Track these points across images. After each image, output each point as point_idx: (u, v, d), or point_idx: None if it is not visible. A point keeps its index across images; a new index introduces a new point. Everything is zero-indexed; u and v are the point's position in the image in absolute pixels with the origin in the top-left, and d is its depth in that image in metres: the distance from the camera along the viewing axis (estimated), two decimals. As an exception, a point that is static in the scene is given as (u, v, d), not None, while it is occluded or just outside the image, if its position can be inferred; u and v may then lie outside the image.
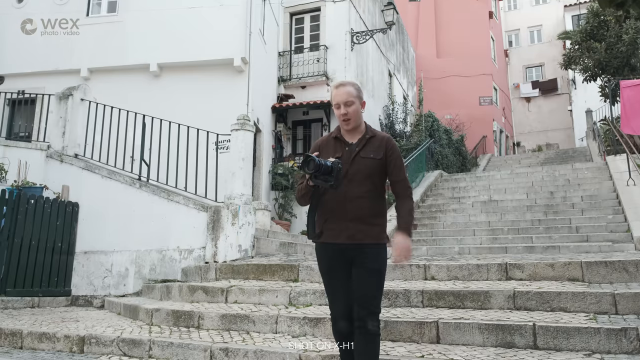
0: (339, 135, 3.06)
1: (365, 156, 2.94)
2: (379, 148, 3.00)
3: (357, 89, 3.05)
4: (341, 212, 2.91)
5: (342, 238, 2.91)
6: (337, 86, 3.03)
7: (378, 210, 2.98)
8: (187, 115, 9.37)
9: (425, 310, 4.67)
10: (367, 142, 3.00)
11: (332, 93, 3.03)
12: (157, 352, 4.49)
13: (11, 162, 8.90)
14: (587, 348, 3.59)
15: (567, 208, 10.44)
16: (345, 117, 2.98)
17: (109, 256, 8.26)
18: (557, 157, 21.52)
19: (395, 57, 21.14)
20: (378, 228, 2.97)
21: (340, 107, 2.99)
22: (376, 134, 3.07)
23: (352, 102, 2.98)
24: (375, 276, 2.92)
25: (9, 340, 5.16)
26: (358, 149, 2.97)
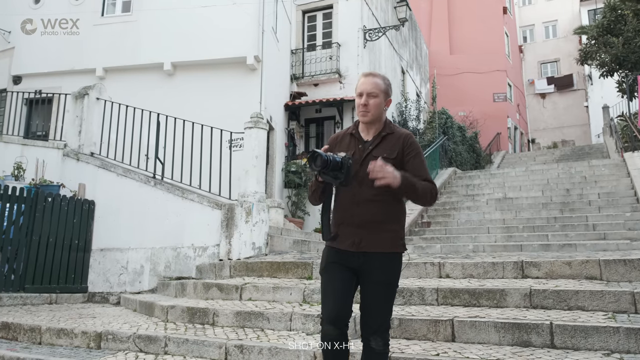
0: (355, 132, 2.82)
1: (377, 155, 2.63)
2: (395, 146, 2.72)
3: (387, 84, 2.82)
4: (350, 216, 2.67)
5: (346, 244, 2.66)
6: (366, 75, 2.80)
7: (391, 214, 2.70)
8: (200, 113, 9.41)
9: (440, 308, 4.65)
10: (382, 140, 2.74)
11: (359, 81, 2.80)
12: (172, 348, 4.52)
13: (29, 160, 9.02)
14: (606, 347, 3.54)
15: (583, 205, 10.32)
16: (364, 109, 2.72)
17: (125, 253, 8.33)
18: (573, 154, 21.29)
19: (408, 53, 21.04)
20: (389, 235, 2.68)
21: (362, 96, 2.73)
22: (395, 131, 2.79)
23: (376, 94, 2.74)
24: (384, 290, 2.65)
25: (28, 336, 5.23)
26: (371, 147, 2.71)
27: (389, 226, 2.68)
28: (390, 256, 2.67)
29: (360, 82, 2.78)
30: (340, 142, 2.83)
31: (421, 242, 9.36)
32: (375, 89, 2.74)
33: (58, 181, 8.75)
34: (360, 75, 2.81)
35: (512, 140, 28.33)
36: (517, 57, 32.17)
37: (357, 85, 2.79)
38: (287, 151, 13.52)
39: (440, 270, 5.65)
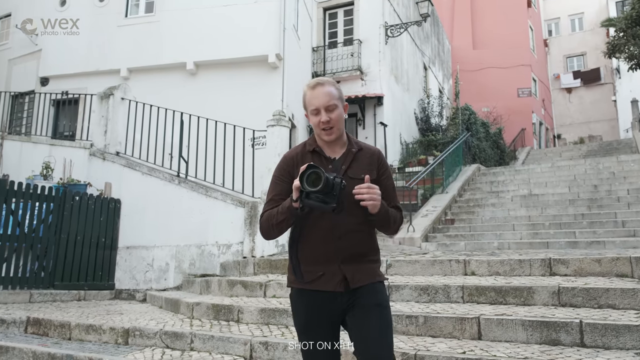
0: (317, 148, 2.32)
1: (354, 176, 2.21)
2: (370, 165, 2.32)
3: (338, 89, 2.34)
4: (328, 251, 2.21)
5: (332, 285, 2.21)
6: (313, 86, 2.28)
7: (374, 244, 2.36)
8: (223, 112, 9.46)
9: (465, 306, 4.60)
10: (354, 158, 2.31)
11: (307, 96, 2.29)
12: (198, 344, 4.56)
13: (57, 160, 9.20)
14: (638, 347, 3.46)
15: (612, 202, 10.10)
16: (327, 125, 2.24)
17: (150, 251, 8.44)
18: (601, 149, 20.86)
19: (430, 49, 20.87)
20: (375, 264, 2.34)
21: (319, 113, 2.25)
22: (363, 147, 2.38)
23: (335, 105, 2.26)
24: (380, 312, 2.24)
25: (58, 332, 5.34)
26: (345, 167, 2.26)
27: (373, 257, 2.33)
28: (379, 285, 2.30)
29: (309, 97, 2.28)
30: (300, 162, 2.26)
31: (445, 240, 9.28)
32: (331, 99, 2.25)
33: (85, 180, 8.90)
34: (306, 89, 2.31)
35: (537, 136, 27.89)
36: (542, 51, 31.64)
37: (305, 102, 2.32)
38: (310, 149, 13.51)
39: (465, 268, 5.59)
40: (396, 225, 2.35)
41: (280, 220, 2.20)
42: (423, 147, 16.16)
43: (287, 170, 2.32)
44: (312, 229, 2.24)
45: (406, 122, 16.77)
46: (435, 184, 12.03)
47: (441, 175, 12.23)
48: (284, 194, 2.24)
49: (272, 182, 2.35)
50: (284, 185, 2.28)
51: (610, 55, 18.09)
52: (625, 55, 16.90)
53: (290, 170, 2.30)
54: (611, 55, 18.05)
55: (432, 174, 11.87)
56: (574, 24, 34.10)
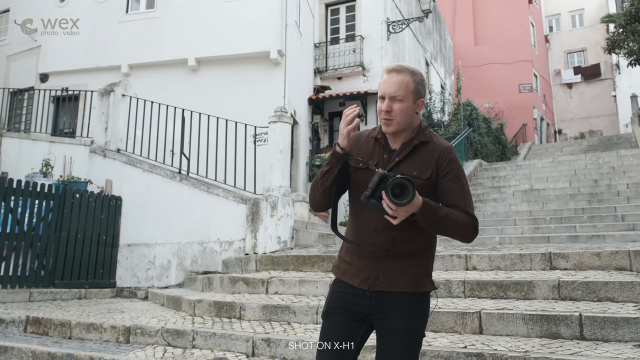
0: (380, 137, 2.14)
1: (405, 171, 1.99)
2: (428, 162, 2.05)
3: (417, 81, 2.07)
4: (364, 243, 2.05)
5: (357, 280, 2.04)
6: (389, 70, 2.07)
7: (419, 243, 2.05)
8: (224, 108, 9.46)
9: (467, 300, 4.61)
10: (412, 151, 2.07)
11: (381, 79, 2.10)
12: (200, 342, 4.57)
13: (57, 157, 9.19)
14: (637, 339, 3.47)
15: (612, 196, 10.11)
16: (387, 116, 2.03)
17: (152, 248, 8.45)
18: (601, 144, 20.83)
19: (432, 45, 20.82)
20: (416, 270, 2.04)
21: (383, 100, 2.04)
22: (430, 140, 2.10)
23: (402, 97, 2.02)
24: (406, 341, 1.99)
25: (59, 331, 5.34)
26: (398, 159, 2.06)
27: (416, 258, 2.05)
28: (414, 297, 2.02)
29: (382, 81, 2.08)
30: (362, 144, 2.16)
31: (446, 235, 9.29)
32: (400, 90, 2.02)
33: (85, 177, 8.90)
34: (383, 71, 2.11)
35: (539, 131, 27.86)
36: (543, 47, 31.57)
37: (379, 85, 2.11)
38: (312, 145, 13.52)
39: (466, 263, 5.60)
40: (465, 233, 2.01)
41: (325, 170, 2.08)
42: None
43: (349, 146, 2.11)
44: (354, 213, 2.15)
45: (407, 118, 16.73)
46: (436, 179, 12.01)
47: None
48: None
49: None
50: None
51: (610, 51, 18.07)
52: (625, 51, 16.89)
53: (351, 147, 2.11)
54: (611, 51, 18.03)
55: (433, 169, 11.85)
56: (575, 20, 34.02)
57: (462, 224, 1.98)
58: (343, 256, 2.17)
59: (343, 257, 2.16)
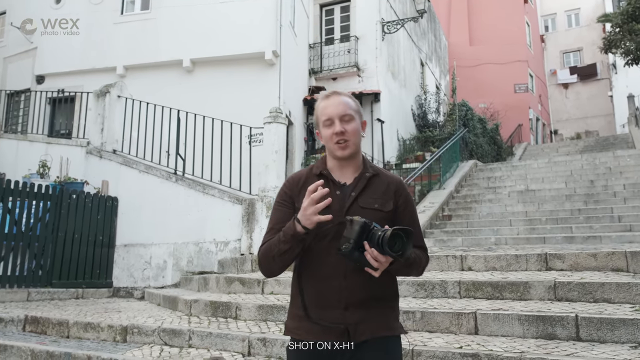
0: (325, 172, 1.97)
1: (366, 206, 1.88)
2: (386, 195, 1.95)
3: (356, 102, 2.02)
4: (330, 293, 1.84)
5: (333, 336, 1.82)
6: (327, 96, 1.99)
7: (389, 286, 1.94)
8: (219, 109, 9.47)
9: (462, 301, 4.62)
10: (367, 184, 1.94)
11: (320, 106, 1.99)
12: (196, 341, 4.58)
13: (53, 158, 9.19)
14: (633, 340, 3.49)
15: (608, 197, 10.13)
16: (341, 138, 1.90)
17: (148, 249, 8.44)
18: (597, 144, 20.91)
19: (427, 45, 20.87)
20: (387, 312, 1.92)
21: (333, 124, 1.92)
22: (380, 172, 2.02)
23: (351, 116, 1.93)
24: None
25: (57, 330, 5.35)
26: (355, 195, 1.90)
27: (388, 302, 1.94)
28: (395, 341, 1.92)
29: (322, 107, 1.98)
30: (305, 186, 1.88)
31: (442, 236, 9.30)
32: (347, 109, 1.93)
33: (82, 178, 8.90)
34: (319, 99, 2.02)
35: (534, 131, 27.94)
36: (538, 47, 31.66)
37: (317, 113, 2.00)
38: (307, 146, 13.53)
39: (462, 263, 5.61)
40: (420, 269, 1.97)
41: (283, 251, 1.81)
42: (420, 144, 16.17)
43: (289, 195, 1.97)
44: (316, 263, 1.88)
45: (403, 118, 16.78)
46: (432, 180, 12.05)
47: (438, 172, 12.25)
48: (286, 222, 1.86)
49: (273, 209, 2.01)
50: (286, 212, 1.93)
51: (607, 51, 18.12)
52: (622, 50, 16.94)
53: (293, 195, 1.96)
54: (607, 51, 18.09)
55: (429, 170, 11.89)
56: (571, 19, 34.14)
57: (422, 262, 1.96)
58: (300, 313, 1.88)
59: (301, 314, 1.88)
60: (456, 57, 24.88)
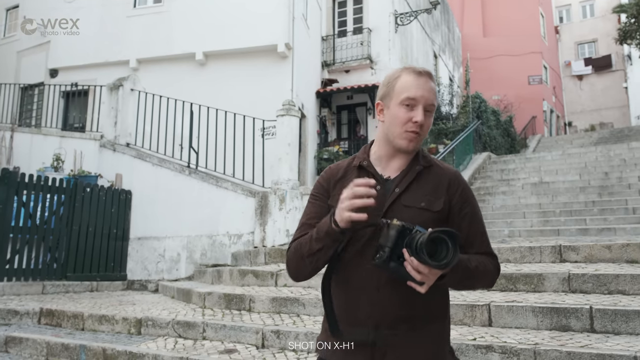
0: (366, 164, 1.67)
1: (410, 204, 1.58)
2: (438, 191, 1.62)
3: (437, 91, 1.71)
4: (359, 308, 1.56)
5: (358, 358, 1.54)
6: (419, 72, 1.61)
7: (433, 302, 1.59)
8: (232, 102, 9.49)
9: (476, 293, 4.60)
10: (415, 178, 1.62)
11: (404, 80, 1.61)
12: (210, 334, 4.61)
13: (67, 152, 9.28)
14: (649, 332, 3.46)
15: (623, 189, 10.02)
16: (417, 129, 1.59)
17: (162, 242, 8.50)
18: (612, 136, 20.65)
19: (440, 37, 20.71)
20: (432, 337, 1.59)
21: (416, 107, 1.58)
22: (433, 164, 1.68)
23: (434, 108, 1.64)
24: None
25: (72, 322, 5.41)
26: (399, 191, 1.60)
27: (431, 324, 1.59)
28: None
29: (407, 83, 1.61)
30: (342, 179, 1.67)
31: (455, 228, 9.28)
32: (435, 100, 1.63)
33: (96, 172, 8.97)
34: (403, 73, 1.64)
35: (548, 123, 27.67)
36: (552, 38, 31.29)
37: (395, 85, 1.63)
38: (319, 138, 13.52)
39: (475, 256, 5.58)
40: (487, 280, 1.63)
41: (315, 250, 1.54)
42: (433, 136, 16.08)
43: (325, 188, 1.70)
44: (346, 270, 1.60)
45: (416, 110, 16.67)
46: (445, 172, 11.98)
47: (452, 164, 12.18)
48: (320, 217, 1.61)
49: (308, 203, 1.74)
50: (321, 205, 1.68)
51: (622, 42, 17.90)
52: (637, 41, 16.72)
53: (328, 187, 1.69)
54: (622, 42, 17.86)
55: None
56: (585, 10, 33.66)
57: (490, 273, 1.61)
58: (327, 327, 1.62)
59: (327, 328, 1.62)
60: (469, 49, 24.66)
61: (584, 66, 31.95)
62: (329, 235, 1.49)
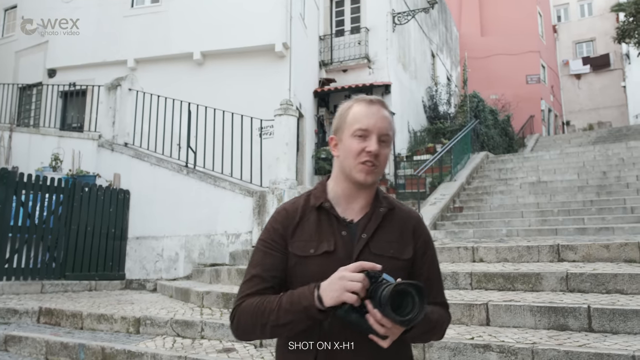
0: (327, 205, 1.53)
1: (379, 252, 1.46)
2: (404, 237, 1.54)
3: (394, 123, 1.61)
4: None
5: None
6: (370, 102, 1.54)
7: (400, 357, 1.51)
8: (230, 101, 9.49)
9: (474, 292, 4.61)
10: (381, 223, 1.52)
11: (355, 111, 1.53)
12: (208, 333, 4.61)
13: (65, 152, 9.27)
14: (646, 331, 3.47)
15: (621, 188, 10.04)
16: (373, 160, 1.48)
17: (160, 241, 8.50)
18: (610, 135, 20.69)
19: (437, 37, 20.73)
20: None
21: (369, 138, 1.49)
22: (395, 206, 1.58)
23: (389, 140, 1.54)
24: None
25: (70, 321, 5.41)
26: (366, 237, 1.49)
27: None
28: None
29: (358, 113, 1.52)
30: (301, 223, 1.52)
31: (453, 227, 9.27)
32: (389, 129, 1.54)
33: (94, 171, 8.97)
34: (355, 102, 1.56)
35: (546, 122, 27.70)
36: (550, 37, 31.32)
37: (346, 117, 1.54)
38: (317, 138, 13.52)
39: (473, 255, 5.60)
40: (441, 333, 1.55)
41: (282, 323, 1.37)
42: (431, 135, 16.10)
43: (280, 234, 1.51)
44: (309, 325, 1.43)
45: (414, 110, 16.70)
46: (443, 172, 12.00)
47: (449, 163, 12.20)
48: (275, 270, 1.47)
49: (257, 250, 1.53)
50: (275, 255, 1.50)
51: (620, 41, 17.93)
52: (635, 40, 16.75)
53: (285, 234, 1.51)
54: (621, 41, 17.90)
55: (441, 162, 11.84)
56: (583, 9, 33.72)
57: (445, 325, 1.55)
58: None
59: None
60: (467, 48, 24.68)
61: (582, 65, 32.01)
62: (307, 311, 1.33)
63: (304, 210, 1.54)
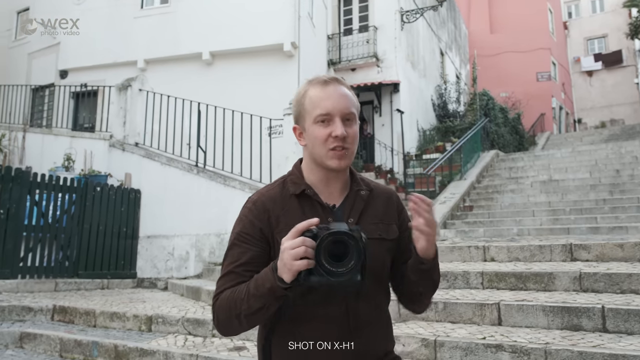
0: (309, 191, 1.49)
1: (368, 236, 1.35)
2: (388, 216, 1.54)
3: (355, 97, 1.55)
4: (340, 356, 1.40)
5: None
6: (325, 82, 1.48)
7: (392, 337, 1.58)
8: (239, 101, 9.51)
9: (485, 291, 4.59)
10: (365, 206, 1.52)
11: (311, 95, 1.48)
12: (220, 332, 4.62)
13: (77, 152, 9.34)
14: (661, 331, 3.43)
15: (635, 186, 9.94)
16: (341, 144, 1.44)
17: (171, 240, 8.54)
18: (623, 133, 20.51)
19: (446, 34, 20.64)
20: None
21: (332, 122, 1.44)
22: (373, 187, 1.57)
23: (354, 116, 1.49)
24: None
25: (84, 319, 5.46)
26: (353, 220, 1.46)
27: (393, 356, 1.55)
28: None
29: (315, 97, 1.47)
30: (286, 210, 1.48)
31: (464, 226, 9.23)
32: (351, 106, 1.48)
33: (105, 171, 9.02)
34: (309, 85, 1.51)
35: (557, 120, 27.51)
36: (561, 34, 31.08)
37: (304, 104, 1.49)
38: (326, 137, 13.51)
39: (484, 254, 5.57)
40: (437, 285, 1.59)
41: (254, 310, 1.34)
42: (440, 134, 16.05)
43: (257, 227, 1.46)
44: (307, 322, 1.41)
45: (423, 108, 16.66)
46: (453, 170, 11.96)
47: (459, 162, 12.15)
48: (253, 264, 1.42)
49: (233, 244, 1.49)
50: (252, 249, 1.45)
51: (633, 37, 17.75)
52: (648, 36, 16.55)
53: (263, 226, 1.46)
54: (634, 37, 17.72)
55: (450, 160, 11.80)
56: (595, 5, 33.41)
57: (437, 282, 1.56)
58: None
59: None
60: (477, 46, 24.57)
61: (594, 62, 31.74)
62: (272, 292, 1.30)
63: (281, 197, 1.49)
